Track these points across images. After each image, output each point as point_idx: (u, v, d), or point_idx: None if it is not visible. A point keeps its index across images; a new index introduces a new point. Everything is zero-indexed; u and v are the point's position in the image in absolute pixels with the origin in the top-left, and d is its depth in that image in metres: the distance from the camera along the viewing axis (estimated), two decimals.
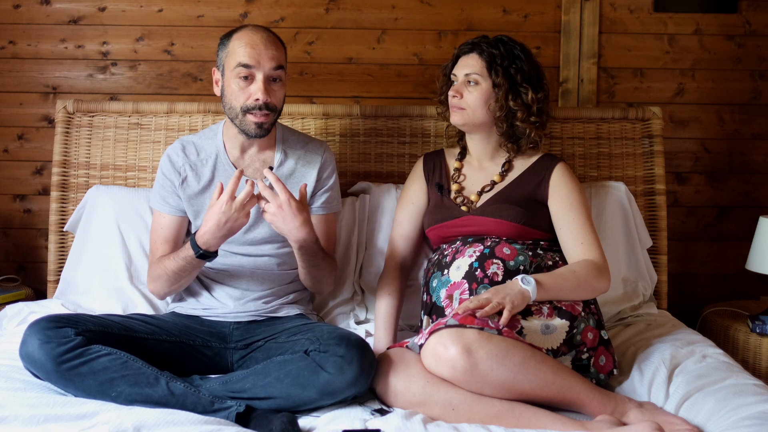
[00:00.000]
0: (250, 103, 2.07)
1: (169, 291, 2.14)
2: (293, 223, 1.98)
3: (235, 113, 2.11)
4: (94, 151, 2.58)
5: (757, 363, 2.47)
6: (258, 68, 2.06)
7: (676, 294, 2.92)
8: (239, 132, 2.15)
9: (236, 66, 2.06)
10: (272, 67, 2.07)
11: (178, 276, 2.08)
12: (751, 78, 2.90)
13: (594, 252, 2.07)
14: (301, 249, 2.05)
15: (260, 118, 2.08)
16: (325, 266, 2.14)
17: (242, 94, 2.08)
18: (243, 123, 2.11)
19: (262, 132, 2.12)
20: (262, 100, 2.06)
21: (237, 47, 2.08)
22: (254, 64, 2.06)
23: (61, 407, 1.71)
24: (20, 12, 2.83)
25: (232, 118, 2.13)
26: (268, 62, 2.07)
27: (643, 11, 2.87)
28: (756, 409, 1.66)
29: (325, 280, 2.19)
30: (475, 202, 2.22)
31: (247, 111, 2.08)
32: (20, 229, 2.91)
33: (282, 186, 1.97)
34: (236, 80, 2.07)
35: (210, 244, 2.00)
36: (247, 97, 2.07)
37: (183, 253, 2.05)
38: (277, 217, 1.97)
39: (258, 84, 2.06)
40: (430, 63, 2.84)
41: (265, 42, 2.08)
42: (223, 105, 2.14)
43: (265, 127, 2.11)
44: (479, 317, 1.83)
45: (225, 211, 1.95)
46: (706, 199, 2.95)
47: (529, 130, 2.20)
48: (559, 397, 1.83)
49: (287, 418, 1.73)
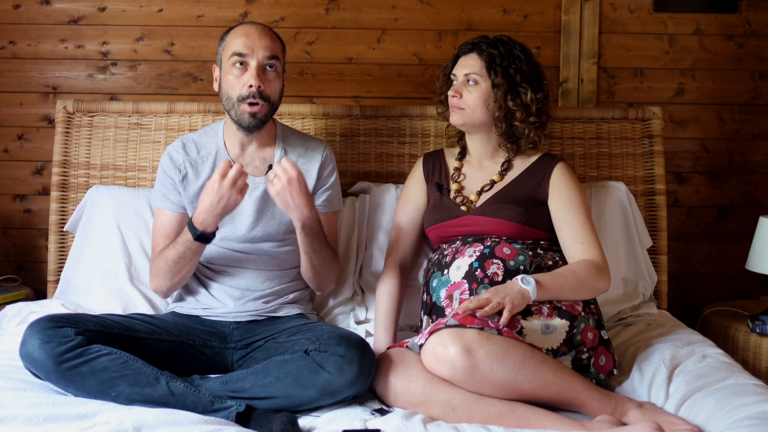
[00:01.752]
0: (244, 92, 2.10)
1: (171, 285, 2.13)
2: (301, 200, 1.99)
3: (231, 103, 2.13)
4: (94, 151, 2.58)
5: (757, 363, 2.47)
6: (251, 56, 2.09)
7: (676, 294, 2.92)
8: (236, 126, 2.16)
9: (231, 56, 2.10)
10: (266, 56, 2.10)
11: (178, 265, 2.08)
12: (751, 78, 2.90)
13: (594, 252, 2.07)
14: (304, 228, 2.05)
15: (255, 107, 2.10)
16: (327, 253, 2.14)
17: (237, 83, 2.11)
18: (238, 113, 2.12)
19: (256, 122, 2.13)
20: (255, 85, 2.08)
21: (233, 39, 2.13)
22: (248, 52, 2.09)
23: (61, 407, 1.71)
24: (20, 12, 2.83)
25: (229, 110, 2.15)
26: (261, 51, 2.10)
27: (643, 11, 2.87)
28: (756, 409, 1.66)
29: (327, 271, 2.19)
30: (475, 202, 2.22)
31: (242, 100, 2.10)
32: (20, 229, 2.91)
33: (292, 163, 1.99)
34: (232, 70, 2.11)
35: (207, 223, 2.01)
36: (241, 86, 2.10)
37: (182, 238, 2.06)
38: (285, 191, 1.98)
39: (251, 71, 2.09)
40: (430, 63, 2.85)
41: (259, 32, 2.12)
42: (221, 98, 2.17)
43: (259, 116, 2.12)
44: (479, 317, 1.83)
45: (217, 190, 1.96)
46: (706, 199, 2.95)
47: (528, 130, 2.20)
48: (559, 397, 1.83)
49: (287, 417, 1.73)
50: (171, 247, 2.09)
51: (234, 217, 2.16)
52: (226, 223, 2.16)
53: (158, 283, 2.14)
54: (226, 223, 2.16)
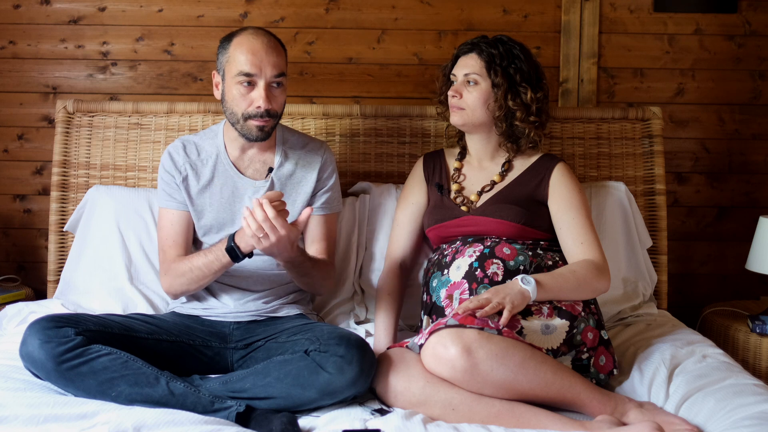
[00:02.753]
0: (251, 110, 2.07)
1: (186, 290, 2.12)
2: (287, 252, 1.94)
3: (236, 119, 2.11)
4: (94, 151, 2.58)
5: (757, 363, 2.47)
6: (260, 76, 2.05)
7: (676, 294, 2.92)
8: (240, 136, 2.15)
9: (237, 74, 2.05)
10: (274, 75, 2.07)
11: (203, 274, 2.04)
12: (751, 78, 2.90)
13: (594, 252, 2.07)
14: (287, 263, 2.04)
15: (262, 122, 2.08)
16: (315, 273, 2.13)
17: (243, 101, 2.07)
18: (244, 128, 2.11)
19: (263, 135, 2.12)
20: (264, 107, 2.06)
21: (238, 54, 2.06)
22: (256, 72, 2.05)
23: (61, 407, 1.71)
24: (20, 12, 2.83)
25: (233, 123, 2.13)
26: (269, 69, 2.06)
27: (643, 11, 2.87)
28: (756, 409, 1.66)
29: (319, 284, 2.18)
30: (475, 202, 2.22)
31: (248, 117, 2.08)
32: (20, 229, 2.91)
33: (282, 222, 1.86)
34: (237, 87, 2.07)
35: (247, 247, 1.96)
36: (248, 104, 2.07)
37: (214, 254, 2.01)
38: (273, 248, 1.90)
39: (260, 91, 2.05)
40: (430, 63, 2.85)
41: (266, 48, 2.06)
42: (224, 109, 2.14)
43: (266, 130, 2.11)
44: (479, 317, 1.83)
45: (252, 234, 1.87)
46: (706, 199, 2.95)
47: (528, 130, 2.20)
48: (559, 397, 1.82)
49: (287, 418, 1.73)
50: (202, 254, 2.05)
51: (234, 220, 2.17)
52: (227, 227, 2.16)
53: (175, 285, 2.11)
54: (227, 227, 2.16)
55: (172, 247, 2.16)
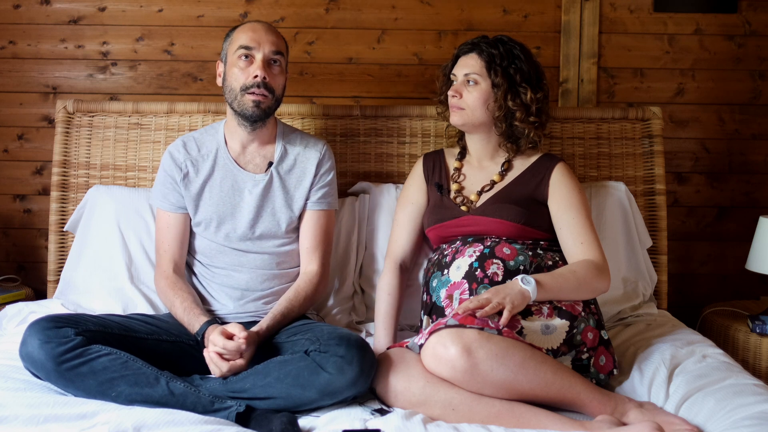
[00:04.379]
0: (249, 82, 2.12)
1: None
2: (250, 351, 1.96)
3: (234, 94, 2.15)
4: (94, 151, 2.58)
5: (757, 363, 2.47)
6: (258, 49, 2.13)
7: (676, 294, 2.92)
8: (237, 121, 2.18)
9: (237, 49, 2.14)
10: (272, 51, 2.14)
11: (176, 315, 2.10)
12: (751, 78, 2.90)
13: (594, 252, 2.07)
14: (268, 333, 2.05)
15: (258, 96, 2.12)
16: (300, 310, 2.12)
17: (242, 75, 2.13)
18: (241, 104, 2.14)
19: (259, 112, 2.14)
20: (261, 76, 2.11)
21: (239, 34, 2.17)
22: (254, 46, 2.13)
23: (61, 407, 1.71)
24: (20, 12, 2.83)
25: (231, 101, 2.16)
26: (268, 45, 2.14)
27: (643, 11, 2.87)
28: (756, 409, 1.66)
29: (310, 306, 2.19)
30: (475, 202, 2.22)
31: (246, 90, 2.12)
32: (20, 229, 2.91)
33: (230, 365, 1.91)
34: (237, 62, 2.14)
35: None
36: (246, 77, 2.13)
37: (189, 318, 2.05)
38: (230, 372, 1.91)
39: (257, 63, 2.13)
40: (430, 63, 2.85)
41: (266, 29, 2.17)
42: (224, 91, 2.18)
43: (263, 107, 2.14)
44: (479, 317, 1.83)
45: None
46: (706, 199, 2.95)
47: (528, 130, 2.21)
48: (559, 397, 1.82)
49: (287, 418, 1.73)
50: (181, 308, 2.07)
51: (234, 213, 2.17)
52: (227, 220, 2.17)
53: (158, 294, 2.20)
54: (227, 220, 2.17)
55: (167, 252, 2.19)
